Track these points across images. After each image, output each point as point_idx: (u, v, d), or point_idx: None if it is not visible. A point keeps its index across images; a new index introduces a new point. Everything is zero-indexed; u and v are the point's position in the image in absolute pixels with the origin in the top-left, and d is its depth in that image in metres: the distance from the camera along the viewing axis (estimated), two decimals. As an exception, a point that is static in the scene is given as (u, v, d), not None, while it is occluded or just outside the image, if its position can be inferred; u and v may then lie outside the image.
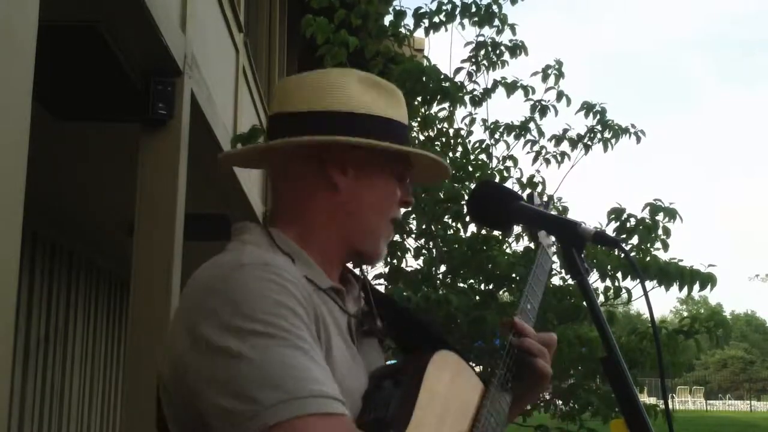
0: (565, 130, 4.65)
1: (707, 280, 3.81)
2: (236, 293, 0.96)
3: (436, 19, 4.51)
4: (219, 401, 0.91)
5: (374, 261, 1.21)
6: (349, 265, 1.25)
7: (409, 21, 4.59)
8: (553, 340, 1.28)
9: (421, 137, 4.79)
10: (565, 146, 4.66)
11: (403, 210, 1.23)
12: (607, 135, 4.55)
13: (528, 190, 4.67)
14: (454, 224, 4.39)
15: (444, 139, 4.70)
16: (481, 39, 4.57)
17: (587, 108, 4.58)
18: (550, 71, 4.62)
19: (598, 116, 4.57)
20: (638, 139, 4.57)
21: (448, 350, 1.16)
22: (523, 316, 1.30)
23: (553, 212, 4.28)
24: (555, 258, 1.61)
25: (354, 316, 1.17)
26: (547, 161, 4.68)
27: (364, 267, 1.28)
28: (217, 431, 0.91)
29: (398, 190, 1.19)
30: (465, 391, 1.16)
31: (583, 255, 1.17)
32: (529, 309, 1.33)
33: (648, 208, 4.08)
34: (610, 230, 4.11)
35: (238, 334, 0.93)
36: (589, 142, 4.61)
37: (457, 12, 4.50)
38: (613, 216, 4.14)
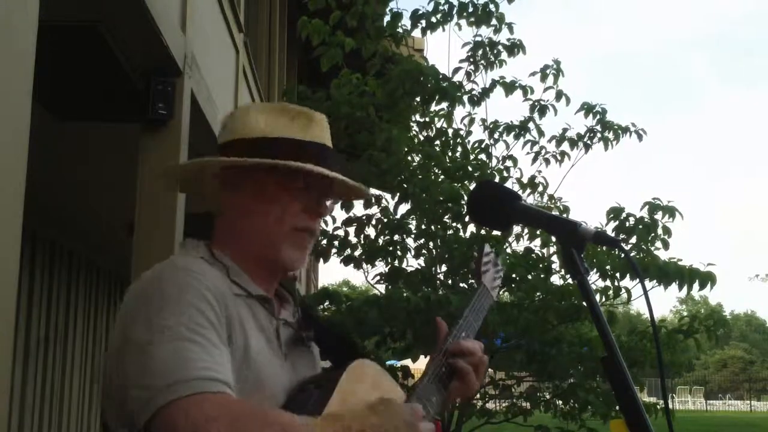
0: (565, 130, 4.65)
1: (707, 279, 3.81)
2: (156, 294, 1.12)
3: (433, 19, 4.52)
4: (131, 391, 1.06)
5: (286, 267, 1.30)
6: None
7: (406, 22, 4.60)
8: (483, 361, 1.43)
9: (421, 137, 4.79)
10: (565, 146, 4.66)
11: (316, 219, 1.32)
12: (607, 135, 4.55)
13: (528, 190, 4.67)
14: (454, 224, 4.39)
15: (443, 139, 4.70)
16: (478, 39, 4.57)
17: (587, 109, 4.58)
18: (548, 71, 4.62)
19: (598, 116, 4.57)
20: (640, 137, 4.57)
21: (368, 360, 1.29)
22: (455, 341, 1.44)
23: (554, 212, 4.29)
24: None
25: (285, 323, 1.30)
26: (547, 161, 4.68)
27: (294, 282, 1.40)
28: (135, 417, 1.05)
29: (296, 203, 1.28)
30: (385, 393, 1.23)
31: (582, 255, 1.17)
32: (463, 336, 1.47)
33: (647, 207, 4.08)
34: (609, 230, 4.11)
35: (149, 329, 1.08)
36: (588, 142, 4.61)
37: (454, 12, 4.50)
38: (612, 215, 4.14)
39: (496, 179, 4.40)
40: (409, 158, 4.54)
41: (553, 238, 1.40)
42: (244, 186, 1.28)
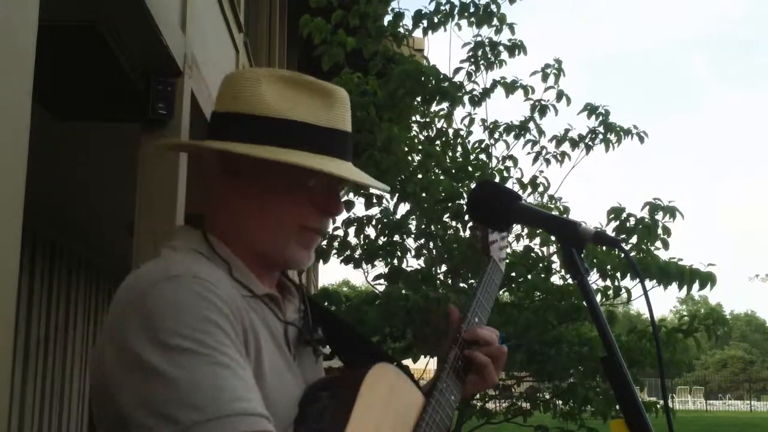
0: (567, 130, 4.65)
1: (707, 279, 3.81)
2: (163, 307, 0.94)
3: (434, 20, 4.52)
4: (143, 419, 0.90)
5: (290, 267, 1.16)
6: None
7: (407, 22, 4.60)
8: (501, 352, 1.30)
9: (421, 137, 4.79)
10: (565, 146, 4.66)
11: (329, 218, 1.16)
12: (610, 136, 4.55)
13: (528, 190, 4.67)
14: (454, 224, 4.39)
15: (444, 139, 4.70)
16: (479, 39, 4.57)
17: (590, 109, 4.58)
18: (549, 71, 4.62)
19: (601, 117, 4.57)
20: (641, 140, 4.57)
21: (387, 363, 1.15)
22: (470, 328, 1.32)
23: (554, 212, 4.29)
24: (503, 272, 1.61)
25: (292, 324, 1.15)
26: (548, 161, 4.68)
27: (297, 274, 1.24)
28: None
29: (305, 199, 1.12)
30: (403, 404, 1.14)
31: (582, 255, 1.17)
32: (476, 322, 1.35)
33: (647, 207, 4.08)
34: (609, 230, 4.11)
35: (163, 350, 0.91)
36: (590, 143, 4.61)
37: (455, 12, 4.50)
38: (612, 215, 4.14)
39: (497, 179, 4.40)
40: (410, 158, 4.54)
41: (553, 238, 1.39)
42: (251, 173, 1.11)
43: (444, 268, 4.45)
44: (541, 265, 4.24)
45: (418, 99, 4.45)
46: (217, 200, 1.15)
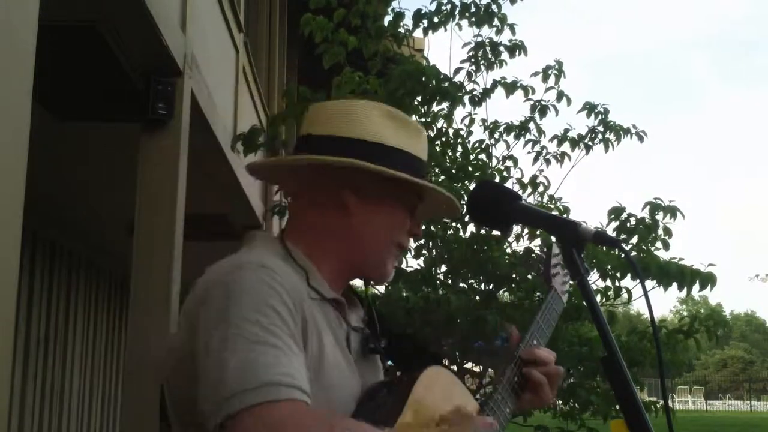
0: (566, 130, 4.65)
1: (707, 279, 3.80)
2: (231, 292, 1.06)
3: (435, 19, 4.51)
4: (201, 393, 1.01)
5: (378, 281, 1.30)
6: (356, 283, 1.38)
7: (408, 21, 4.59)
8: (557, 372, 1.36)
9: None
10: (565, 146, 4.65)
11: (411, 240, 1.33)
12: (609, 136, 4.54)
13: (529, 190, 4.67)
14: (453, 224, 4.38)
15: (444, 139, 4.69)
16: (480, 39, 4.57)
17: (590, 108, 4.57)
18: (550, 71, 4.62)
19: (600, 117, 4.56)
20: (641, 139, 4.56)
21: (443, 368, 1.24)
22: (527, 348, 1.38)
23: (554, 212, 4.29)
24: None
25: (355, 329, 1.26)
26: (548, 161, 4.67)
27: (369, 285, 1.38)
28: (205, 421, 1.00)
29: (408, 220, 1.27)
30: (457, 405, 1.20)
31: (582, 255, 1.17)
32: (534, 344, 1.40)
33: (647, 207, 4.07)
34: (610, 230, 4.11)
35: (225, 329, 1.02)
36: (590, 142, 4.61)
37: (456, 12, 4.50)
38: (612, 215, 4.14)
39: (497, 179, 4.39)
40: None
41: (554, 238, 1.39)
42: (365, 192, 1.23)
43: (444, 268, 4.44)
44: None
45: (418, 99, 4.45)
46: (309, 211, 1.25)
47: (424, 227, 4.40)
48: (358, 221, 1.23)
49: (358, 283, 1.42)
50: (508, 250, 4.38)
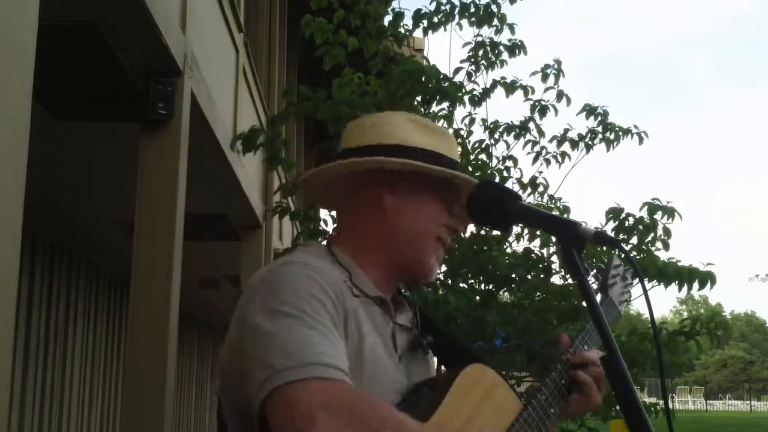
0: (566, 130, 4.64)
1: (706, 278, 3.80)
2: (277, 283, 1.15)
3: (434, 19, 4.51)
4: (249, 374, 1.08)
5: (421, 276, 1.33)
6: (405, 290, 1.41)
7: (407, 22, 4.59)
8: (601, 376, 1.38)
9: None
10: (565, 147, 4.65)
11: (451, 237, 1.35)
12: (609, 136, 4.54)
13: (528, 190, 4.67)
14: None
15: (444, 139, 4.69)
16: (479, 39, 4.56)
17: (589, 110, 4.57)
18: (549, 71, 4.61)
19: (599, 118, 4.56)
20: (641, 140, 4.56)
21: (486, 367, 1.28)
22: (577, 353, 1.42)
23: (554, 212, 4.29)
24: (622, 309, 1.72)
25: (402, 327, 1.31)
26: (548, 161, 4.67)
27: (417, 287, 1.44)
28: (251, 399, 1.06)
29: (445, 214, 1.32)
30: (499, 405, 1.25)
31: (582, 255, 1.17)
32: (585, 349, 1.44)
33: (646, 207, 4.07)
34: (609, 230, 4.10)
35: (271, 315, 1.10)
36: (590, 142, 4.60)
37: (455, 12, 4.49)
38: (611, 216, 4.13)
39: (497, 179, 4.39)
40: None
41: (553, 238, 1.39)
42: (398, 189, 1.30)
43: (444, 268, 4.44)
44: (541, 265, 4.23)
45: (418, 99, 4.45)
46: (351, 217, 1.34)
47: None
48: (393, 217, 1.30)
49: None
50: (508, 251, 4.38)
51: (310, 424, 0.98)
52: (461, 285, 4.31)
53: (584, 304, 1.54)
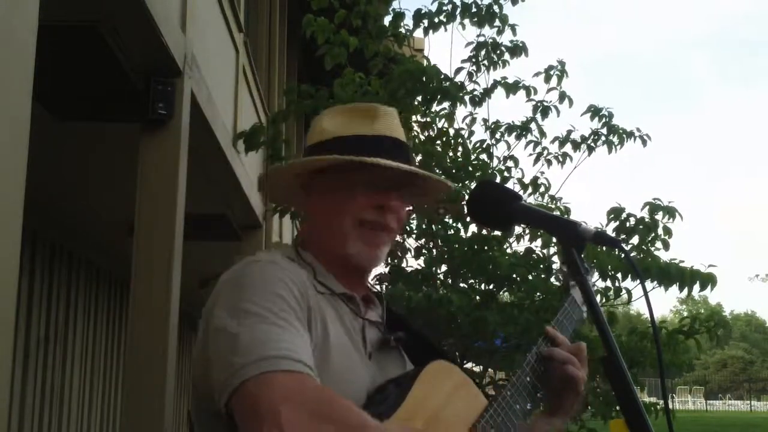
0: (570, 132, 4.64)
1: (707, 280, 3.80)
2: (241, 283, 1.16)
3: (435, 20, 4.51)
4: (212, 374, 1.09)
5: (360, 264, 1.31)
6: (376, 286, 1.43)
7: (408, 21, 4.59)
8: (581, 349, 1.39)
9: (422, 137, 4.79)
10: (567, 148, 4.65)
11: (384, 214, 1.31)
12: (612, 139, 4.54)
13: (529, 190, 4.66)
14: (454, 224, 4.38)
15: (445, 139, 4.69)
16: (481, 39, 4.56)
17: (594, 111, 4.56)
18: (552, 72, 4.61)
19: (604, 120, 4.55)
20: (644, 143, 4.55)
21: (451, 364, 1.29)
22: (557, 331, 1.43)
23: (555, 213, 4.28)
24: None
25: (371, 323, 1.32)
26: (549, 162, 4.66)
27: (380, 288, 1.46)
28: (216, 400, 1.07)
29: (358, 195, 1.29)
30: (465, 403, 1.26)
31: (583, 255, 1.17)
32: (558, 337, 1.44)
33: (647, 207, 4.07)
34: (609, 230, 4.10)
35: (234, 315, 1.11)
36: (592, 144, 4.60)
37: (457, 12, 4.49)
38: (612, 216, 4.13)
39: (498, 179, 4.39)
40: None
41: (554, 238, 1.40)
42: (317, 186, 1.34)
43: (444, 268, 4.44)
44: (541, 266, 4.23)
45: (419, 99, 4.45)
46: (304, 219, 1.48)
47: (424, 227, 4.39)
48: (314, 216, 1.35)
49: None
50: (509, 251, 4.38)
51: (273, 420, 0.99)
52: (462, 285, 4.31)
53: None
